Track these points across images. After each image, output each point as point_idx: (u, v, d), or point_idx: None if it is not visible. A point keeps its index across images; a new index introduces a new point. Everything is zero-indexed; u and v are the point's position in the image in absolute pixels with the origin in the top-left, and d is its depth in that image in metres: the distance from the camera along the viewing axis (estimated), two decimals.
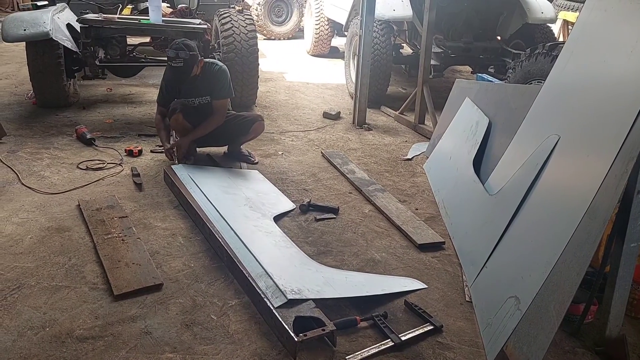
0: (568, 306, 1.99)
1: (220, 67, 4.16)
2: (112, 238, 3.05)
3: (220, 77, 4.12)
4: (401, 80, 7.71)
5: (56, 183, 3.82)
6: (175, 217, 3.44)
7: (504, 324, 2.24)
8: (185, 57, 3.83)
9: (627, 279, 2.24)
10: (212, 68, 4.12)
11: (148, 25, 5.22)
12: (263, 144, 4.84)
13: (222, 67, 4.17)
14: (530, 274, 2.26)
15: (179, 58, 3.82)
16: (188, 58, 3.86)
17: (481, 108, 3.94)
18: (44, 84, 5.21)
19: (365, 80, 5.57)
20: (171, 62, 3.87)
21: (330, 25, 9.17)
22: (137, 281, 2.68)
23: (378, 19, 5.93)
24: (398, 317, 2.59)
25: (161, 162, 4.26)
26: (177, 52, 3.82)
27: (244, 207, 3.51)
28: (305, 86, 7.27)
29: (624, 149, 2.03)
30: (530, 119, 3.05)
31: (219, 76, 4.12)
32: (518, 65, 4.51)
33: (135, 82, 6.63)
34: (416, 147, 5.03)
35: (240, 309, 2.59)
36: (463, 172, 3.64)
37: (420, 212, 3.69)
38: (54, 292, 2.62)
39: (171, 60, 3.86)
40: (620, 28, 2.48)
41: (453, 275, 2.97)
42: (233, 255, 2.84)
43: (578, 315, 2.48)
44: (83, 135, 4.59)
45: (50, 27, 4.79)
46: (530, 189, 2.63)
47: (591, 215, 2.06)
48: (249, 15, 5.77)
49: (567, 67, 2.86)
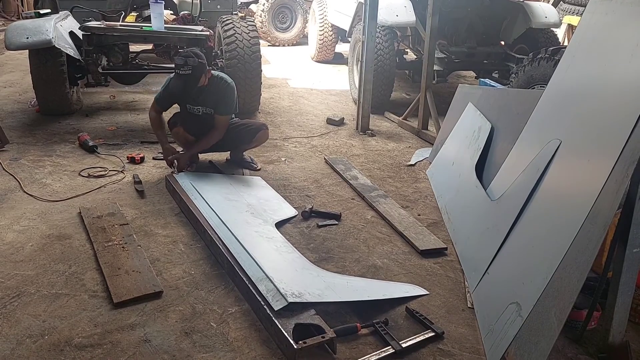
0: (569, 312, 1.97)
1: (229, 84, 4.10)
2: (112, 245, 3.04)
3: (227, 93, 4.07)
4: (405, 85, 7.70)
5: (58, 190, 3.82)
6: (176, 224, 3.43)
7: (505, 330, 2.22)
8: (194, 64, 3.77)
9: (630, 285, 2.21)
10: (220, 82, 4.06)
11: (150, 32, 5.24)
12: (266, 150, 4.83)
13: (230, 83, 4.11)
14: (531, 280, 2.23)
15: (188, 65, 3.76)
16: (197, 65, 3.80)
17: (484, 113, 3.92)
18: (47, 92, 5.23)
19: (369, 86, 5.57)
20: (179, 70, 3.79)
21: (334, 31, 9.18)
22: (137, 289, 2.67)
23: (381, 25, 5.93)
24: (399, 324, 2.56)
25: (163, 169, 4.27)
26: (186, 60, 3.77)
27: (246, 213, 3.50)
28: (309, 92, 7.27)
29: (625, 153, 2.01)
30: (532, 123, 3.02)
31: (226, 92, 4.07)
32: (521, 70, 4.49)
33: (139, 89, 6.66)
34: (419, 153, 5.01)
35: (240, 316, 2.57)
36: (465, 178, 3.62)
37: (422, 218, 3.67)
38: (54, 300, 2.61)
39: (179, 67, 3.79)
40: (622, 31, 2.46)
41: (455, 281, 2.94)
42: (233, 261, 2.83)
43: (581, 321, 2.45)
44: (85, 142, 4.60)
45: (53, 35, 4.81)
46: (531, 195, 2.60)
47: (592, 221, 2.03)
48: (252, 21, 5.78)
49: (569, 72, 2.84)
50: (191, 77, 3.82)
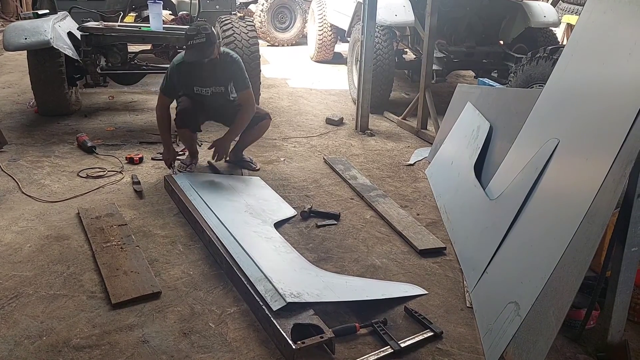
0: (567, 311, 1.96)
1: (237, 57, 4.04)
2: (110, 246, 3.04)
3: (239, 65, 4.00)
4: (404, 85, 7.69)
5: (56, 191, 3.82)
6: (175, 224, 3.43)
7: (504, 329, 2.21)
8: (207, 32, 3.71)
9: (628, 284, 2.21)
10: (227, 57, 3.99)
11: (149, 32, 5.24)
12: (265, 150, 4.83)
13: (237, 57, 4.05)
14: (529, 279, 2.23)
15: (201, 34, 3.68)
16: (210, 33, 3.73)
17: (482, 113, 3.92)
18: (46, 93, 5.22)
19: (368, 85, 5.56)
20: (192, 40, 3.70)
21: (333, 31, 9.17)
22: (135, 289, 2.67)
23: (380, 25, 5.92)
24: (398, 324, 2.56)
25: (162, 169, 4.26)
26: (198, 28, 3.72)
27: (245, 213, 3.50)
28: (309, 92, 7.26)
29: (623, 152, 2.01)
30: (531, 122, 3.02)
31: (239, 65, 4.00)
32: (519, 69, 4.48)
33: (137, 90, 6.65)
34: (418, 153, 5.00)
35: (238, 316, 2.57)
36: (464, 177, 3.62)
37: (421, 218, 3.66)
38: (52, 301, 2.61)
39: (192, 37, 3.70)
40: (619, 30, 2.45)
41: (454, 280, 2.94)
42: (232, 261, 2.83)
43: (580, 320, 2.45)
44: (84, 143, 4.60)
45: (51, 36, 4.81)
46: (530, 194, 2.60)
47: (590, 220, 2.03)
48: (251, 21, 5.78)
49: (567, 71, 2.83)
50: (205, 46, 3.72)
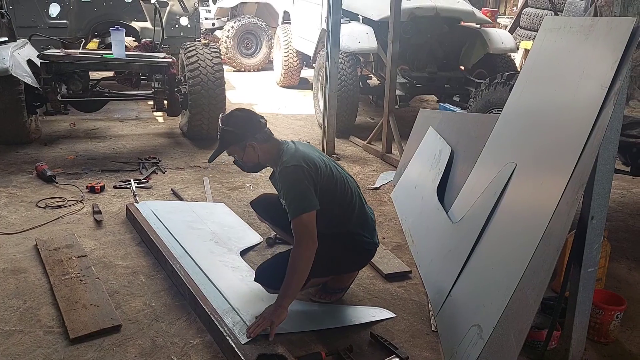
0: (527, 333, 1.99)
1: (288, 167, 2.59)
2: (69, 278, 2.95)
3: (286, 181, 2.60)
4: (369, 110, 7.79)
5: (13, 222, 3.71)
6: (137, 254, 3.36)
7: (468, 353, 2.23)
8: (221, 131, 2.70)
9: (586, 304, 2.26)
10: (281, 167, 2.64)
11: (111, 59, 5.20)
12: (230, 176, 4.80)
13: (288, 166, 2.59)
14: (491, 302, 2.26)
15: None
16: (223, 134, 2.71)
17: (444, 137, 3.99)
18: (4, 121, 5.10)
19: (333, 111, 5.62)
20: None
21: (299, 57, 9.26)
22: (95, 323, 2.59)
23: (344, 51, 6.02)
24: (364, 350, 2.55)
25: (124, 198, 4.19)
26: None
27: (210, 242, 3.46)
28: (275, 117, 7.29)
29: (574, 176, 2.07)
30: (489, 147, 3.09)
31: (284, 180, 2.61)
32: (479, 94, 4.60)
33: (100, 117, 6.55)
34: (384, 176, 5.05)
35: (202, 348, 2.52)
36: (427, 201, 3.66)
37: (387, 241, 3.68)
38: (7, 337, 2.51)
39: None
40: (569, 58, 2.54)
41: (419, 304, 2.95)
42: (195, 292, 2.78)
43: (542, 341, 2.48)
44: (43, 172, 4.49)
45: (10, 64, 4.73)
46: (490, 217, 2.65)
47: (546, 242, 2.07)
48: (215, 48, 5.80)
49: (522, 96, 2.92)
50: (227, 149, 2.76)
